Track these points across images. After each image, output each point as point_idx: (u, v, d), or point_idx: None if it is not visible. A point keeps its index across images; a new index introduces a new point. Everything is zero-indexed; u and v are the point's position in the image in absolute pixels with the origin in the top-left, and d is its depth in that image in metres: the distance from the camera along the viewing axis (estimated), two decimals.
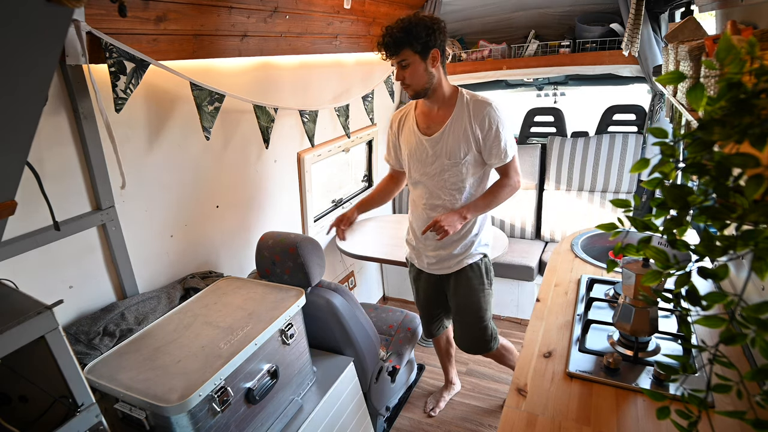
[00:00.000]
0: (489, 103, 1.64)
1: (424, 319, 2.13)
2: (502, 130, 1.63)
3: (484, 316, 1.90)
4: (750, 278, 0.56)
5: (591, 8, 2.82)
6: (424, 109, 1.74)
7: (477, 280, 1.85)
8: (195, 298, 1.59)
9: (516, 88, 3.55)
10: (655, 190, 0.59)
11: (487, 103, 1.64)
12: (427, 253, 1.85)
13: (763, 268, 0.48)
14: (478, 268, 1.84)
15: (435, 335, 2.17)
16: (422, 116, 1.74)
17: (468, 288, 1.85)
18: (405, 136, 1.80)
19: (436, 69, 1.60)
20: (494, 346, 1.97)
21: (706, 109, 0.52)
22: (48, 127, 1.29)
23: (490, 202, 1.72)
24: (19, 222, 1.24)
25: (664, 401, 0.61)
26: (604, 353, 1.21)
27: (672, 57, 1.42)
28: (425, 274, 1.95)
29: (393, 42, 1.54)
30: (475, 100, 1.65)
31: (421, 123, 1.74)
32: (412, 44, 1.52)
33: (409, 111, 1.80)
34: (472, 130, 1.63)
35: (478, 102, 1.64)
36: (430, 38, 1.53)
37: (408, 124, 1.78)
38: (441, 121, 1.68)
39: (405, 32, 1.52)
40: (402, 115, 1.83)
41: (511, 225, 3.17)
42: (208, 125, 1.64)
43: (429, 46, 1.54)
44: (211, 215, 1.91)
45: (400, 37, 1.52)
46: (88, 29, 1.25)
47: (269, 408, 1.43)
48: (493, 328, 1.95)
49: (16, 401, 1.02)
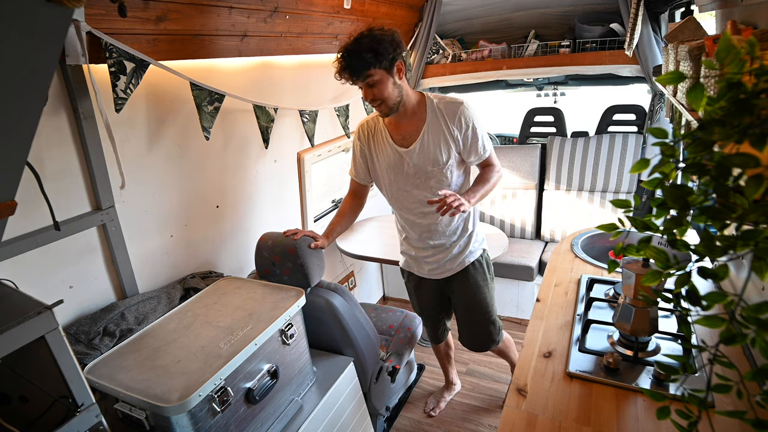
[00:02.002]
0: (460, 102, 1.61)
1: (429, 327, 2.11)
2: (478, 127, 1.62)
3: (492, 312, 1.91)
4: (750, 278, 0.56)
5: (591, 8, 2.82)
6: (392, 121, 1.66)
7: (481, 277, 1.84)
8: (195, 298, 1.59)
9: (516, 88, 3.54)
10: (655, 190, 0.59)
11: (459, 103, 1.61)
12: (426, 260, 1.82)
13: (763, 268, 0.48)
14: (480, 265, 1.84)
15: (442, 340, 2.17)
16: (393, 127, 1.67)
17: (474, 287, 1.84)
18: (378, 149, 1.71)
19: (402, 81, 1.56)
20: (500, 340, 1.98)
21: (706, 109, 0.52)
22: (48, 127, 1.30)
23: (486, 189, 1.67)
24: (19, 222, 1.24)
25: (664, 401, 0.61)
26: (604, 353, 1.21)
27: (672, 57, 1.42)
28: (426, 281, 1.92)
29: (360, 64, 1.46)
30: (445, 103, 1.62)
31: (394, 135, 1.67)
32: (380, 62, 1.46)
33: (377, 123, 1.71)
34: (450, 132, 1.61)
35: (449, 104, 1.61)
36: (395, 52, 1.49)
37: (379, 138, 1.70)
38: (415, 130, 1.63)
39: (372, 51, 1.44)
40: (369, 127, 1.74)
41: (511, 225, 3.17)
42: (208, 125, 1.64)
43: (394, 60, 1.50)
44: (211, 215, 1.91)
45: (368, 58, 1.45)
46: (88, 29, 1.25)
47: (269, 408, 1.43)
48: (498, 321, 1.97)
49: (16, 401, 1.02)
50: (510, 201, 3.16)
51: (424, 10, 2.94)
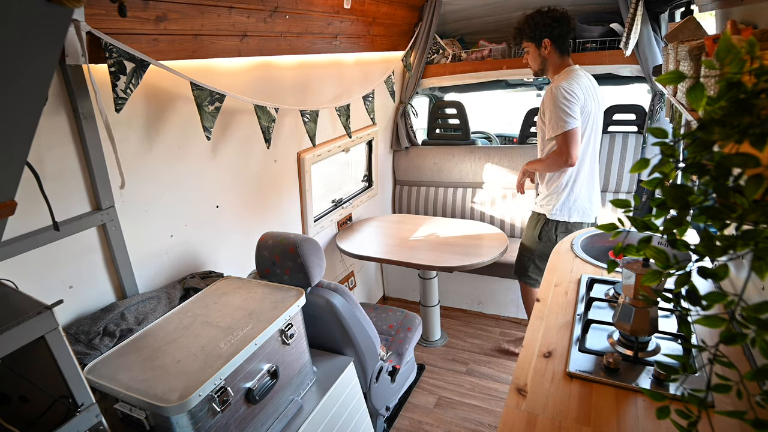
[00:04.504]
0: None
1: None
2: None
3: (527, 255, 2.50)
4: (750, 278, 0.56)
5: (591, 8, 2.82)
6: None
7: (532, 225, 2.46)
8: (195, 298, 1.59)
9: (516, 88, 3.55)
10: (655, 190, 0.59)
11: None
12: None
13: (763, 268, 0.48)
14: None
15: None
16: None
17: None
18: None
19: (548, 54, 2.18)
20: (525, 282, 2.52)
21: (706, 109, 0.52)
22: (48, 127, 1.29)
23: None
24: (19, 222, 1.24)
25: (664, 401, 0.61)
26: (604, 353, 1.21)
27: (672, 57, 1.42)
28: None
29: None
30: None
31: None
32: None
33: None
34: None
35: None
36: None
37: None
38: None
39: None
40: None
41: (511, 225, 3.17)
42: (208, 125, 1.64)
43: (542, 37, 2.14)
44: (211, 215, 1.91)
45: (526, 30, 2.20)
46: (88, 29, 1.25)
47: (269, 408, 1.43)
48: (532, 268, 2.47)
49: (16, 401, 1.02)
50: (510, 201, 3.16)
51: (424, 10, 2.94)
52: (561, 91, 2.06)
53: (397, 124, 3.31)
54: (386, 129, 3.29)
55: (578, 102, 2.10)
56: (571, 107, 2.07)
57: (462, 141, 3.35)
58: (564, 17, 2.13)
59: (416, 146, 3.45)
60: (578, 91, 2.10)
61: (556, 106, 2.06)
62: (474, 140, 3.40)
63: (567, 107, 2.06)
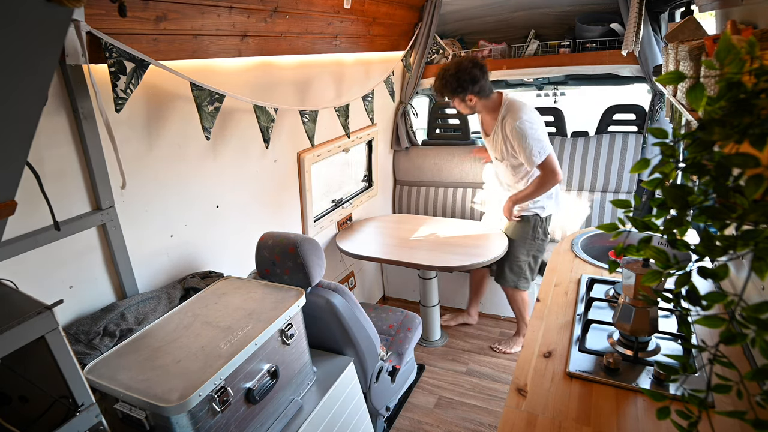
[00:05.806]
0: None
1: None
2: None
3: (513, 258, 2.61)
4: (750, 278, 0.56)
5: (591, 8, 2.82)
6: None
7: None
8: (195, 298, 1.59)
9: (516, 87, 3.54)
10: (655, 190, 0.59)
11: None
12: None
13: (763, 268, 0.48)
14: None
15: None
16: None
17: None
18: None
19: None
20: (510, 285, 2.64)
21: (706, 109, 0.52)
22: (48, 127, 1.29)
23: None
24: (19, 222, 1.24)
25: (664, 401, 0.61)
26: (604, 353, 1.21)
27: (672, 57, 1.42)
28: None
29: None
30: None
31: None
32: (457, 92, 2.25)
33: None
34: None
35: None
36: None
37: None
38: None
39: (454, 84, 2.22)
40: None
41: None
42: (208, 125, 1.64)
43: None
44: (211, 215, 1.90)
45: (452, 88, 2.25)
46: (88, 29, 1.25)
47: (269, 408, 1.43)
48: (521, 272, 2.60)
49: (16, 401, 1.02)
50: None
51: (424, 10, 2.93)
52: (525, 124, 2.18)
53: (397, 124, 3.31)
54: (386, 129, 3.29)
55: (540, 124, 2.26)
56: (539, 134, 2.22)
57: (462, 141, 3.35)
58: (482, 70, 2.19)
59: (416, 146, 3.45)
60: (533, 115, 2.25)
61: (527, 139, 2.18)
62: (474, 140, 3.40)
63: (537, 136, 2.20)
